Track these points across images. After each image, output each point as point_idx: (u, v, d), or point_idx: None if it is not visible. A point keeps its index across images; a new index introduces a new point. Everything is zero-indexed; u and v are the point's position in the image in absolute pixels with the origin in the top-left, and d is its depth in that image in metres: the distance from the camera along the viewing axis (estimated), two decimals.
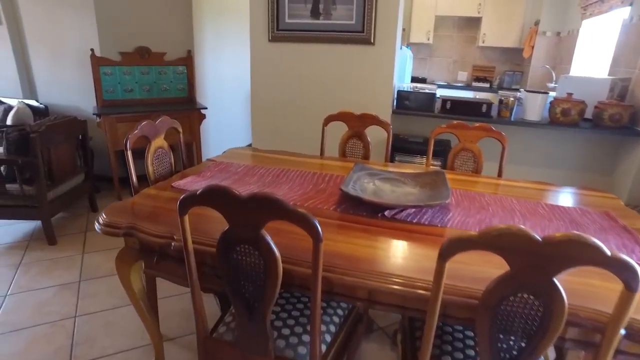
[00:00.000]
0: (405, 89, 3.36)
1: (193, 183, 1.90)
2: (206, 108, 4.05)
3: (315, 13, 3.17)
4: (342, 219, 1.58)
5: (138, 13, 3.98)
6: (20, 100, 4.08)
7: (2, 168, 2.94)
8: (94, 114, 3.66)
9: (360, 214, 1.62)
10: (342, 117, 2.52)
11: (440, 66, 6.59)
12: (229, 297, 1.26)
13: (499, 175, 2.29)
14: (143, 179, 1.95)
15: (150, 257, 1.54)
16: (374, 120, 2.46)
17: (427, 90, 3.38)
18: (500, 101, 3.12)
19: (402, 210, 1.63)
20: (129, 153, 1.84)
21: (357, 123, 2.50)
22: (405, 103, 3.26)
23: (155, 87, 4.18)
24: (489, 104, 3.09)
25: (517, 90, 5.36)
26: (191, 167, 2.16)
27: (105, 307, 2.38)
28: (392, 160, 3.18)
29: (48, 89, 4.30)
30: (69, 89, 4.18)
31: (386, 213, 1.61)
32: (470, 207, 1.74)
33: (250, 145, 5.67)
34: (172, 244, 1.38)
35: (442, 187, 1.78)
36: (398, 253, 1.34)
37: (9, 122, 3.90)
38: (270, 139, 3.64)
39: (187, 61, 4.23)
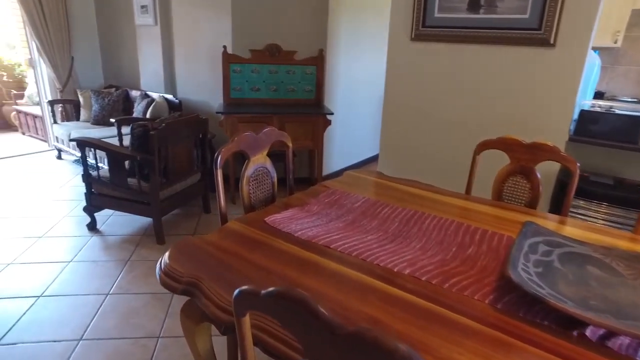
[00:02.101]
0: (593, 109, 2.47)
1: (292, 221, 1.45)
2: (332, 114, 3.66)
3: (474, 6, 2.50)
4: (503, 325, 0.95)
5: (272, 9, 3.77)
6: (161, 94, 4.24)
7: (126, 162, 2.95)
8: (217, 112, 3.55)
9: (536, 323, 0.97)
10: (503, 144, 1.83)
11: (627, 77, 5.17)
12: None
13: None
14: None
15: (218, 325, 1.13)
16: (552, 154, 1.71)
17: (627, 112, 2.42)
18: None
19: (617, 335, 0.93)
20: (219, 173, 1.47)
21: (525, 155, 1.78)
22: (590, 128, 2.37)
23: (282, 87, 3.95)
24: None
25: None
26: (297, 194, 1.73)
27: None
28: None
29: (184, 85, 4.41)
30: (201, 85, 4.21)
31: (588, 332, 0.93)
32: None
33: (377, 156, 5.20)
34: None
35: None
36: None
37: (148, 115, 4.06)
38: (401, 158, 3.06)
39: (318, 61, 3.90)
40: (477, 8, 2.48)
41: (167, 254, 1.21)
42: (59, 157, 4.87)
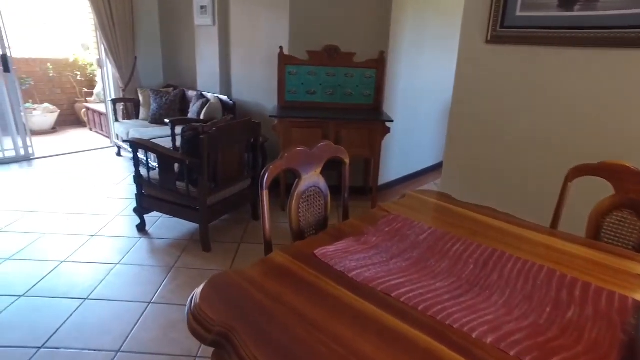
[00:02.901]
0: None
1: (346, 255, 1.24)
2: (392, 121, 3.40)
3: (567, 2, 2.14)
4: None
5: (332, 9, 3.58)
6: (216, 95, 4.19)
7: (176, 165, 2.88)
8: (270, 116, 3.42)
9: None
10: (607, 171, 1.50)
11: None
12: None
13: None
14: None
15: None
16: None
17: None
18: None
19: None
20: (265, 195, 1.29)
21: (637, 186, 1.44)
22: None
23: (339, 91, 3.75)
24: None
25: None
26: (352, 219, 1.52)
27: None
28: None
29: (240, 86, 4.34)
30: (256, 87, 4.12)
31: None
32: None
33: (435, 166, 4.86)
34: None
35: None
36: None
37: (202, 116, 4.02)
38: (468, 178, 2.74)
39: (379, 64, 3.65)
40: (571, 5, 2.13)
41: (199, 290, 1.05)
42: (119, 154, 5.01)
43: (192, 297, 1.05)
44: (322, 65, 3.68)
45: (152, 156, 3.83)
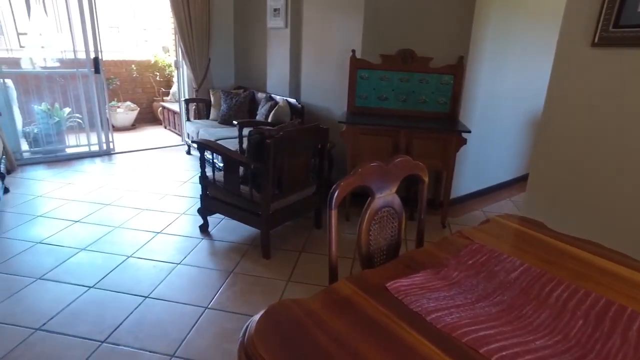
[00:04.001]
0: None
1: (423, 292, 1.06)
2: (469, 132, 3.12)
3: None
4: None
5: (409, 11, 3.37)
6: (284, 98, 4.15)
7: (241, 168, 2.85)
8: (339, 122, 3.29)
9: None
10: None
11: None
12: None
13: None
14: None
15: None
16: None
17: None
18: None
19: None
20: (334, 215, 1.14)
21: None
22: None
23: (413, 98, 3.52)
24: None
25: None
26: (428, 246, 1.33)
27: None
28: None
29: (309, 89, 4.26)
30: (325, 91, 4.02)
31: None
32: None
33: (512, 181, 4.42)
34: None
35: None
36: None
37: (269, 118, 4.00)
38: (560, 203, 2.40)
39: (457, 70, 3.38)
40: None
41: (255, 321, 0.93)
42: (188, 153, 5.17)
43: (247, 327, 0.93)
44: (396, 70, 3.48)
45: (219, 157, 3.87)
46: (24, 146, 4.75)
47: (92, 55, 4.70)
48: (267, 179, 2.55)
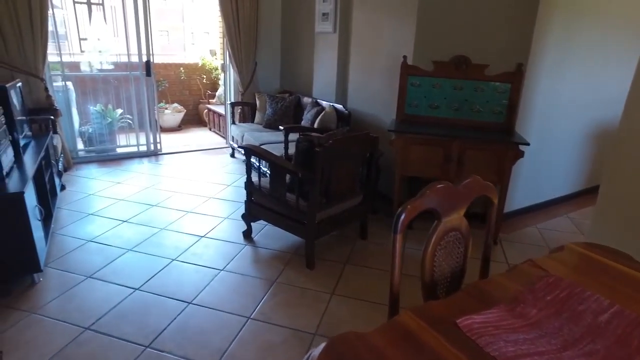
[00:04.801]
0: None
1: (499, 333, 0.94)
2: (528, 144, 2.92)
3: None
4: None
5: (465, 16, 3.22)
6: (331, 104, 4.09)
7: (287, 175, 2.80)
8: (388, 130, 3.18)
9: None
10: None
11: None
12: None
13: None
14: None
15: None
16: None
17: None
18: None
19: None
20: (399, 240, 1.05)
21: None
22: None
23: (466, 107, 3.36)
24: None
25: None
26: (497, 276, 1.21)
27: None
28: None
29: (356, 95, 4.18)
30: (373, 98, 3.92)
31: None
32: None
33: (569, 196, 4.10)
34: None
35: None
36: None
37: (316, 124, 3.94)
38: (636, 231, 2.18)
39: (515, 78, 3.19)
40: None
41: (316, 356, 0.85)
42: (232, 155, 5.21)
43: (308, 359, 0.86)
44: (449, 78, 3.33)
45: (265, 162, 3.85)
46: (80, 145, 4.96)
47: (145, 59, 4.84)
48: (315, 188, 2.49)
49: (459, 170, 3.08)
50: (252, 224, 3.09)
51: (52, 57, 4.30)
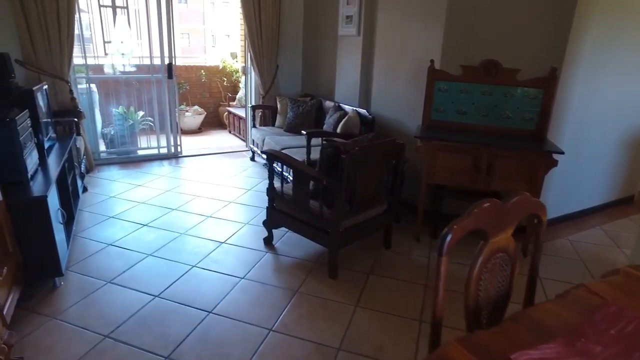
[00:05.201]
0: None
1: None
2: (562, 152, 2.79)
3: None
4: None
5: (495, 19, 3.10)
6: (354, 108, 4.01)
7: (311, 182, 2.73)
8: (415, 137, 3.08)
9: None
10: None
11: None
12: None
13: None
14: None
15: None
16: None
17: None
18: None
19: None
20: (444, 263, 0.96)
21: None
22: None
23: (495, 113, 3.23)
24: None
25: None
26: (547, 303, 1.10)
27: None
28: None
29: (380, 100, 4.09)
30: (398, 102, 3.82)
31: None
32: None
33: (599, 207, 3.89)
34: None
35: None
36: None
37: (338, 129, 3.87)
38: None
39: (548, 83, 3.05)
40: None
41: None
42: (252, 159, 5.17)
43: None
44: (478, 82, 3.21)
45: (288, 168, 3.80)
46: (102, 147, 4.99)
47: (167, 61, 4.84)
48: (340, 196, 2.40)
49: (488, 179, 2.97)
50: (273, 230, 3.03)
51: (77, 59, 4.34)
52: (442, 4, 3.19)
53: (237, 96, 7.24)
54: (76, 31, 4.09)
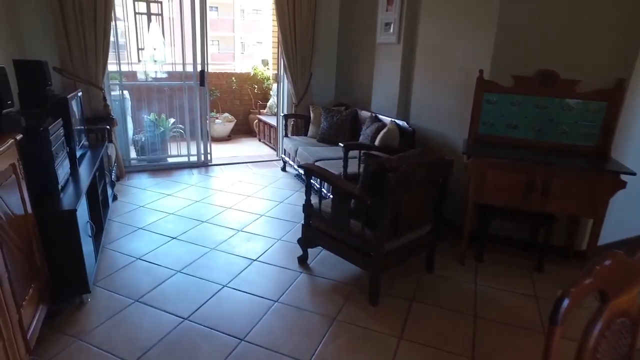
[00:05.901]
0: None
1: None
2: (634, 174, 2.50)
3: None
4: None
5: (552, 26, 2.85)
6: (393, 120, 3.81)
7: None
8: (463, 153, 2.85)
9: None
10: None
11: None
12: None
13: None
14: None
15: None
16: None
17: None
18: None
19: None
20: (557, 333, 0.75)
21: None
22: None
23: (550, 127, 2.97)
24: None
25: None
26: None
27: None
28: None
29: (420, 111, 3.87)
30: (440, 114, 3.59)
31: None
32: None
33: None
34: None
35: None
36: None
37: (377, 142, 3.68)
38: None
39: (613, 95, 2.77)
40: None
41: None
42: (283, 169, 5.02)
43: None
44: (531, 94, 2.96)
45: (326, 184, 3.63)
46: (132, 154, 4.95)
47: (199, 69, 4.77)
48: (384, 216, 2.21)
49: (543, 200, 2.71)
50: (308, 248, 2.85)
51: (111, 66, 4.31)
52: (493, 8, 2.97)
53: (268, 104, 7.15)
54: (111, 38, 4.07)
